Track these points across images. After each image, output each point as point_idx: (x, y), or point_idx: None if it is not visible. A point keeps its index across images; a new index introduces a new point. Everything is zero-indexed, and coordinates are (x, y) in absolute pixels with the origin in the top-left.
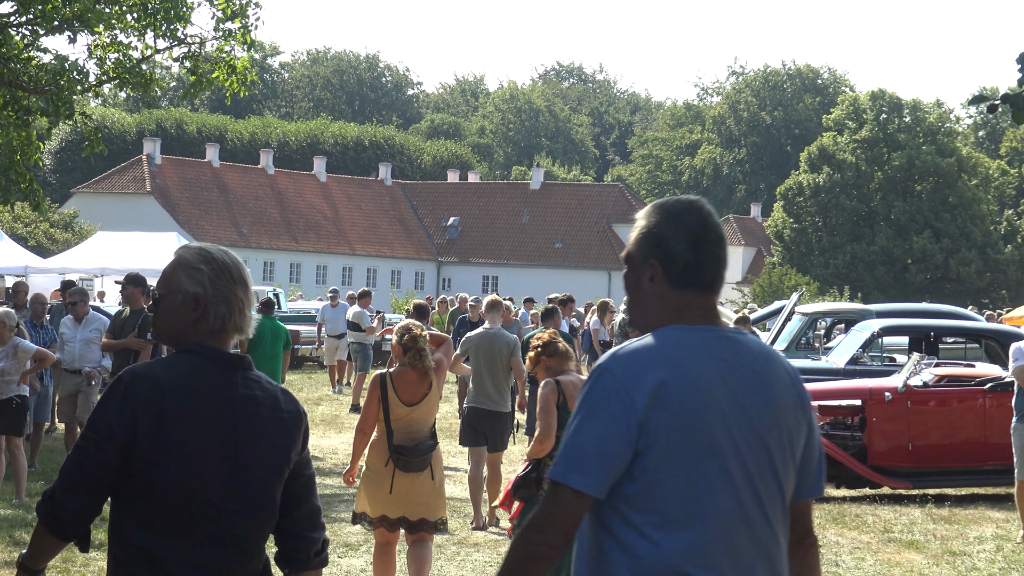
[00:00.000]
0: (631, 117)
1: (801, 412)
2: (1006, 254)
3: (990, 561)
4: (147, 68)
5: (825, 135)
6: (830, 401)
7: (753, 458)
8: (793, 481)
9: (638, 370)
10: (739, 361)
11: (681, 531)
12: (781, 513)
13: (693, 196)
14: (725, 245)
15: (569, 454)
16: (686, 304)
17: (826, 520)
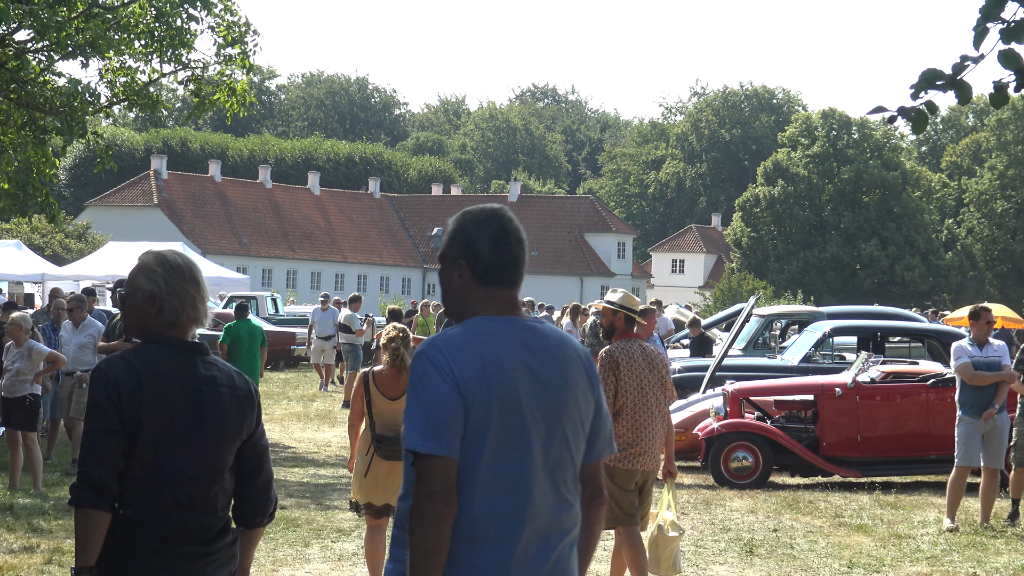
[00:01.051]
0: (601, 134)
1: (590, 388)
2: (947, 260)
3: (933, 543)
4: (154, 91)
5: (780, 151)
6: (785, 396)
7: (550, 427)
8: (583, 447)
9: (454, 352)
10: (538, 346)
11: (491, 490)
12: (572, 474)
13: (497, 205)
14: (524, 247)
15: (420, 426)
16: (491, 297)
17: (781, 506)
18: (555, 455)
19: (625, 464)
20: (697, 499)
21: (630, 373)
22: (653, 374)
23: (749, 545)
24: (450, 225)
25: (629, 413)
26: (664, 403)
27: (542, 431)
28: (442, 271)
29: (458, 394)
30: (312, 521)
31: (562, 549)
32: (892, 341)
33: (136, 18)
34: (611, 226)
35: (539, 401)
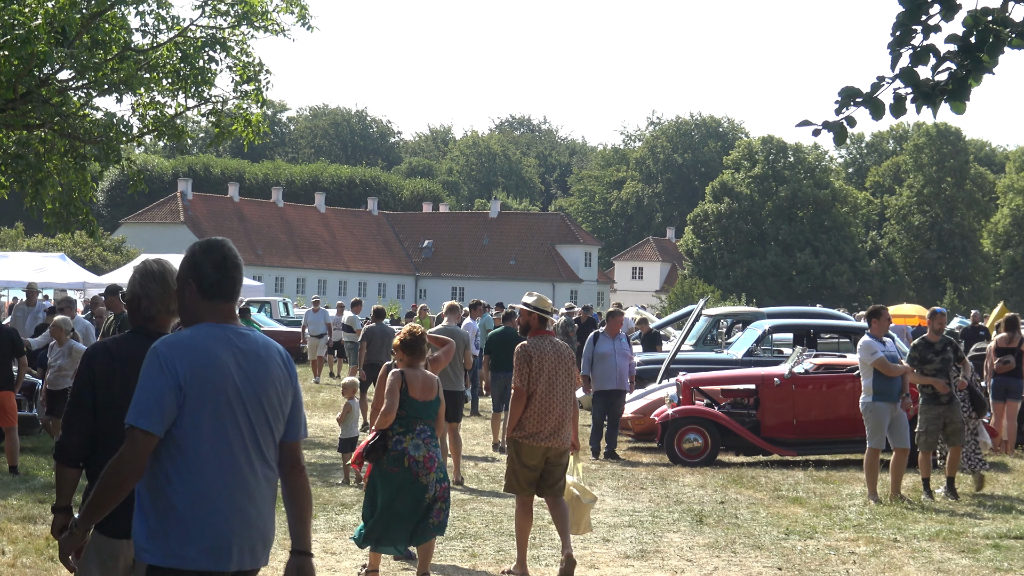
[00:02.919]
0: (570, 159)
1: (289, 382)
2: (871, 267)
3: (859, 513)
4: (179, 122)
5: (725, 172)
6: (731, 385)
7: (254, 412)
8: (283, 428)
9: (179, 351)
10: (247, 348)
11: (208, 458)
12: (274, 450)
13: (221, 238)
14: (241, 270)
15: (137, 406)
16: (214, 309)
17: (727, 481)
18: (259, 433)
19: (531, 441)
20: (654, 476)
21: (540, 364)
22: (561, 365)
23: (699, 515)
24: (186, 253)
25: (538, 398)
26: (570, 390)
27: (248, 414)
28: (178, 289)
29: (176, 386)
30: (318, 496)
31: (262, 507)
32: (823, 337)
33: (164, 59)
34: (579, 238)
35: (245, 391)
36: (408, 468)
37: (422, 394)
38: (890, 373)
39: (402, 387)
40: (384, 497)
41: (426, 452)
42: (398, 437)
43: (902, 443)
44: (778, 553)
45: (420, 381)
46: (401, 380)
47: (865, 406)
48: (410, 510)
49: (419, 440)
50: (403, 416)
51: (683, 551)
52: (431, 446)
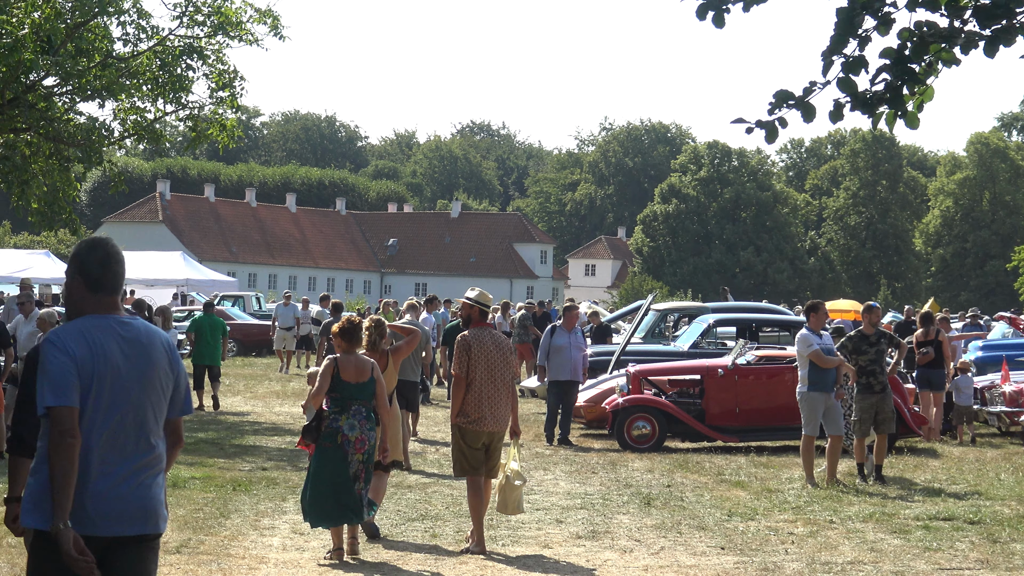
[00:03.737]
0: (527, 162)
1: (172, 366)
2: (810, 265)
3: (797, 496)
4: (158, 126)
5: (673, 175)
6: (677, 376)
7: (138, 394)
8: (165, 407)
9: (69, 338)
10: (131, 336)
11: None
12: (156, 426)
13: (105, 236)
14: (122, 265)
15: (51, 389)
16: (98, 302)
17: (674, 466)
18: (143, 412)
19: (474, 426)
20: (605, 461)
21: (480, 355)
22: (500, 356)
23: (647, 498)
24: (72, 251)
25: (478, 386)
26: (508, 379)
27: (132, 396)
28: (65, 284)
29: (73, 363)
30: (288, 480)
31: (146, 478)
32: (765, 331)
33: (144, 67)
34: (535, 237)
35: (130, 374)
36: (340, 445)
37: (355, 377)
38: (824, 365)
39: (335, 372)
40: (323, 474)
41: (359, 434)
42: (333, 416)
43: (837, 430)
44: (721, 534)
45: (353, 365)
46: (333, 365)
47: (801, 395)
48: (330, 485)
49: (354, 420)
50: (337, 398)
51: (632, 532)
52: (365, 428)
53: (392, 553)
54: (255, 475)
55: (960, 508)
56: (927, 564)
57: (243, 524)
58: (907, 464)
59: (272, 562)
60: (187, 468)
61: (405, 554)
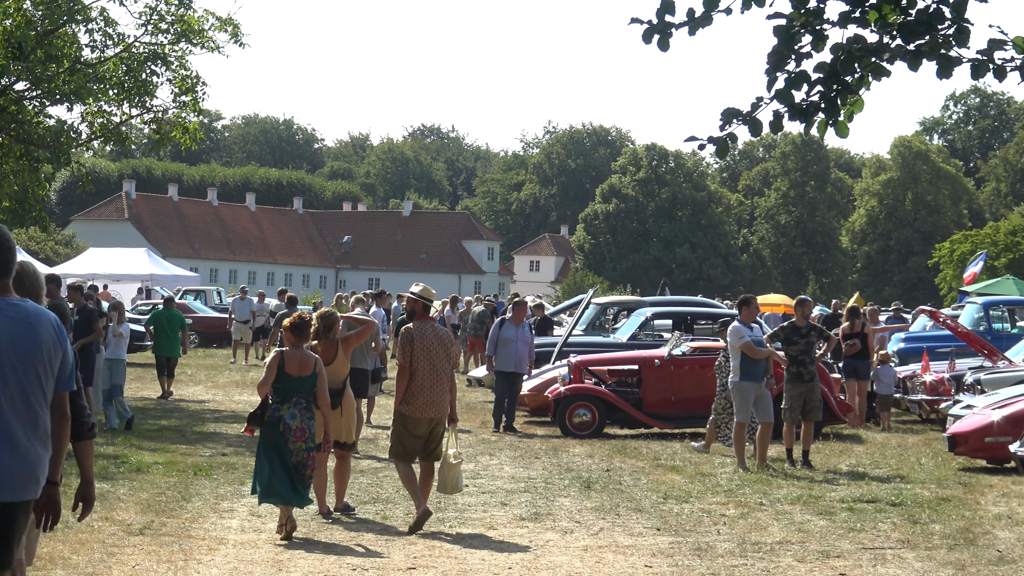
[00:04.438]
0: (475, 163)
1: (59, 345)
2: (742, 261)
3: (729, 480)
4: (124, 129)
5: (613, 176)
6: (616, 366)
7: (25, 370)
8: (53, 383)
9: None
10: (19, 316)
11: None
12: (43, 400)
13: None
14: (13, 252)
15: None
16: None
17: (613, 452)
18: (30, 388)
19: (416, 413)
20: (547, 447)
21: (422, 346)
22: (440, 347)
23: (587, 482)
24: None
25: (420, 375)
26: (448, 369)
27: (20, 372)
28: None
29: None
30: (247, 465)
31: (29, 450)
32: (699, 323)
33: (110, 72)
34: (483, 235)
35: (17, 352)
36: (282, 433)
37: (298, 371)
38: (755, 356)
39: (280, 364)
40: (264, 456)
41: (300, 423)
42: (276, 405)
43: (767, 417)
44: (657, 515)
45: (297, 359)
46: (279, 358)
47: (733, 385)
48: (283, 470)
49: (295, 410)
50: (280, 388)
51: (572, 514)
52: (305, 417)
53: (345, 534)
54: (215, 460)
55: (883, 491)
56: (851, 544)
57: (203, 507)
58: (833, 449)
59: (231, 543)
60: (150, 454)
61: (358, 535)
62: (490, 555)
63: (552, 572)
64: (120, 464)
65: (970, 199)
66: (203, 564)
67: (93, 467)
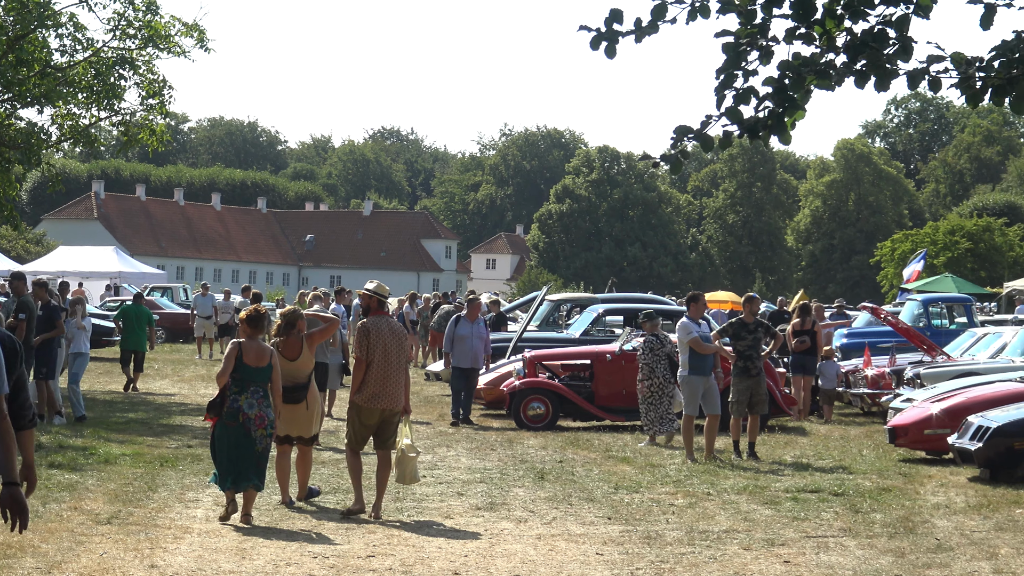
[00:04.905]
0: (433, 164)
1: None
2: (691, 259)
3: (678, 471)
4: (93, 131)
5: (567, 177)
6: (570, 360)
7: None
8: None
9: None
10: None
11: None
12: None
13: None
14: None
15: None
16: None
17: (566, 443)
18: None
19: (370, 404)
20: (503, 439)
21: (377, 340)
22: (394, 341)
23: (541, 473)
24: None
25: (374, 368)
26: (402, 362)
27: None
28: None
29: None
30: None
31: None
32: None
33: (80, 76)
34: (441, 234)
35: None
36: (242, 423)
37: (255, 361)
38: (703, 351)
39: (238, 355)
40: (225, 445)
41: (258, 411)
42: (234, 396)
43: (714, 410)
44: (608, 505)
45: (254, 351)
46: (237, 349)
47: (682, 378)
48: (244, 458)
49: (252, 400)
50: (238, 379)
51: (527, 503)
52: (263, 406)
53: (307, 523)
54: (181, 452)
55: (826, 481)
56: (795, 532)
57: (169, 497)
58: (778, 441)
59: (196, 532)
60: (118, 446)
61: (319, 523)
62: (447, 543)
63: (507, 560)
64: (89, 455)
65: (910, 200)
66: (169, 552)
67: (34, 453)
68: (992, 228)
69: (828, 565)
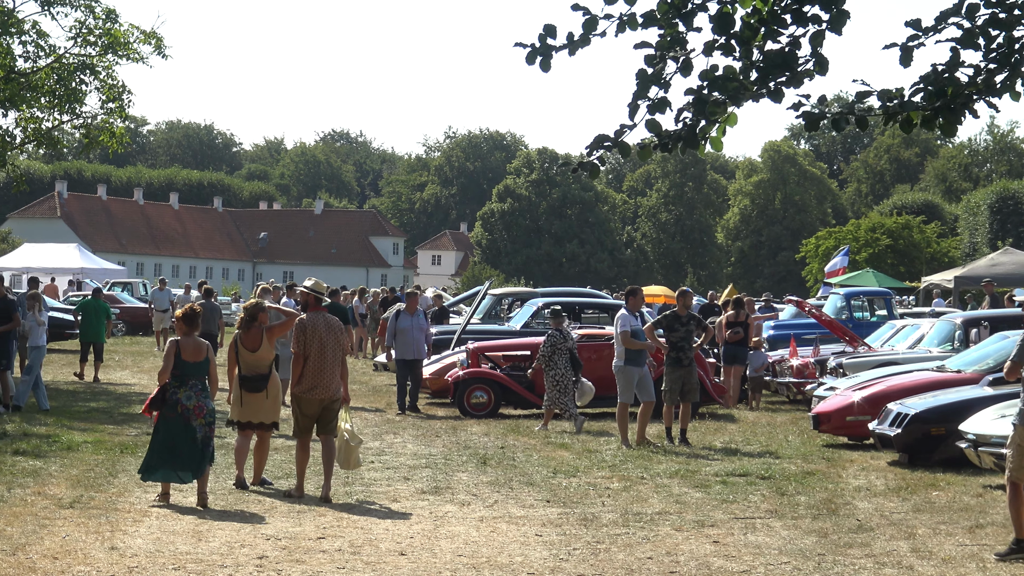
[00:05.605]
0: (381, 165)
1: None
2: (627, 255)
3: (613, 456)
4: (56, 134)
5: (508, 178)
6: (510, 352)
7: None
8: None
9: None
10: None
11: None
12: None
13: None
14: None
15: None
16: None
17: (506, 431)
18: None
19: (309, 395)
20: (447, 426)
21: (313, 334)
22: (330, 335)
23: (483, 458)
24: None
25: (312, 360)
26: (339, 355)
27: None
28: None
29: None
30: None
31: None
32: (586, 313)
33: (43, 81)
34: (388, 232)
35: None
36: (181, 414)
37: (192, 356)
38: (630, 346)
39: (176, 352)
40: (163, 436)
41: (196, 402)
42: (174, 389)
43: (648, 397)
44: (547, 489)
45: (191, 347)
46: (176, 347)
47: (617, 368)
48: (185, 448)
49: (191, 392)
50: (177, 374)
51: (470, 487)
52: (201, 397)
53: (260, 506)
54: (141, 439)
55: (753, 465)
56: (724, 514)
57: (129, 482)
58: (708, 428)
59: (154, 515)
60: (80, 433)
61: (272, 507)
62: (393, 525)
63: (450, 541)
64: (52, 443)
65: (834, 199)
66: (128, 535)
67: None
68: (911, 226)
69: (755, 545)
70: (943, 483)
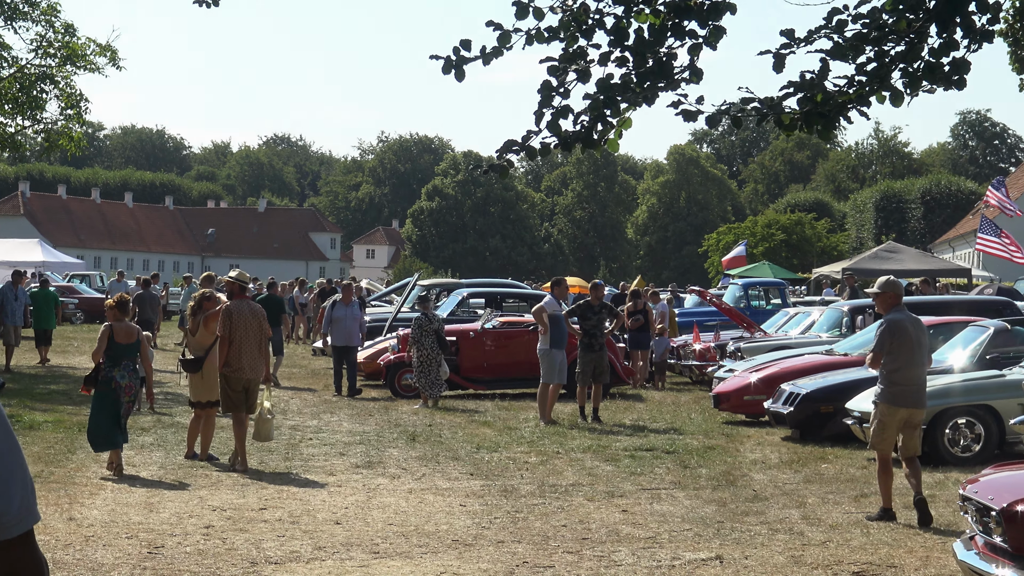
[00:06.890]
0: (320, 167)
1: None
2: (545, 249)
3: (532, 433)
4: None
5: (436, 178)
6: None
7: None
8: None
9: None
10: None
11: None
12: None
13: None
14: None
15: None
16: None
17: (434, 409)
18: None
19: (235, 374)
20: (379, 406)
21: (239, 320)
22: (254, 321)
23: (413, 435)
24: None
25: (236, 343)
26: (261, 338)
27: None
28: None
29: None
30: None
31: None
32: (508, 301)
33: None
34: (326, 228)
35: None
36: (113, 390)
37: (124, 339)
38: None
39: (110, 335)
40: (100, 409)
41: (128, 381)
42: (108, 368)
43: (560, 379)
44: (471, 463)
45: (123, 330)
46: (109, 331)
47: (543, 352)
48: (111, 419)
49: (124, 372)
50: (111, 355)
51: (400, 462)
52: (132, 377)
53: (207, 480)
54: None
55: (659, 441)
56: (632, 485)
57: (86, 459)
58: (618, 407)
59: (109, 488)
60: (41, 413)
61: (218, 480)
62: (330, 497)
63: (382, 511)
64: (15, 423)
65: (733, 198)
66: (85, 507)
67: None
68: (803, 222)
69: (660, 513)
70: (831, 456)
